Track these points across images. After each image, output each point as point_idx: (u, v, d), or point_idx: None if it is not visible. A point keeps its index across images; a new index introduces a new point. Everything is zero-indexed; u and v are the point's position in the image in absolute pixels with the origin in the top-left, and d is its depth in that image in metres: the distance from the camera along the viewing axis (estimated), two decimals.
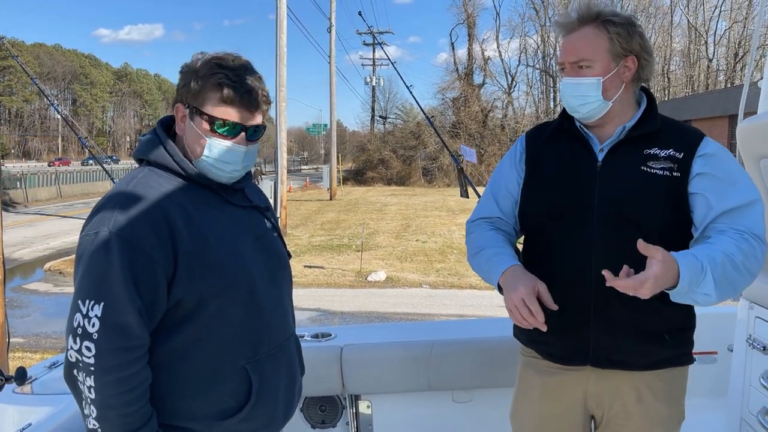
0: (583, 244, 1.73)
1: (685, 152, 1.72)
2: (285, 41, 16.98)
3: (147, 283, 1.42)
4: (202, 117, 1.53)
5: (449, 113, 44.65)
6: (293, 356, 1.74)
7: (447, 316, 9.21)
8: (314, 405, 2.77)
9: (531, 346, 1.91)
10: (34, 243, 16.61)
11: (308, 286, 11.26)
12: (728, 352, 2.75)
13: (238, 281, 1.54)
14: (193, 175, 1.56)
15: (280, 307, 1.69)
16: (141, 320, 1.42)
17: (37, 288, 11.94)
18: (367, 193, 34.71)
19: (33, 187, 29.56)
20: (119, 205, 1.46)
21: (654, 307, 1.67)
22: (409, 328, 3.86)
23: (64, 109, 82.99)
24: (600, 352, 1.75)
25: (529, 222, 1.88)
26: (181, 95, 1.57)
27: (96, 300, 1.39)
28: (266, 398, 1.61)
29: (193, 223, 1.49)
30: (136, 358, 1.42)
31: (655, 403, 1.78)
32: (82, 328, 1.38)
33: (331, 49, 31.12)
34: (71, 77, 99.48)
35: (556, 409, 1.87)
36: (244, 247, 1.59)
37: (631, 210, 1.70)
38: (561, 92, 1.82)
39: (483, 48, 46.66)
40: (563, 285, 1.75)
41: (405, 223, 19.84)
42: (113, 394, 1.39)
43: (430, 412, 2.75)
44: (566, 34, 1.79)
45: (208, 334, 1.52)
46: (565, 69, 1.79)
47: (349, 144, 61.28)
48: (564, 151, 1.84)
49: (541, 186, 1.84)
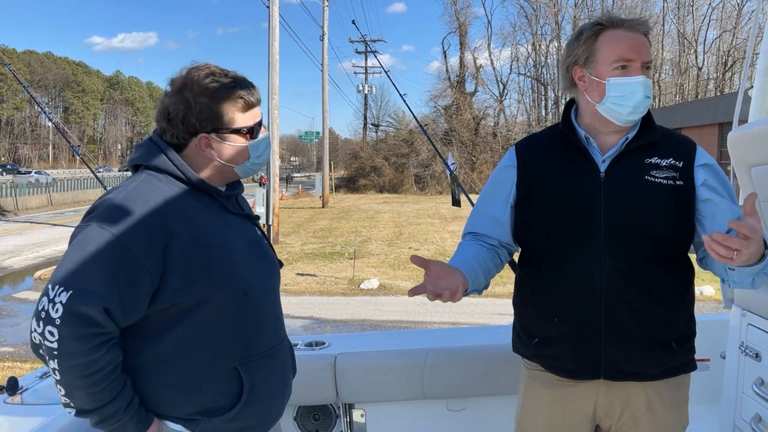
0: (591, 256, 1.71)
1: (684, 161, 1.73)
2: (277, 49, 17.00)
3: (127, 283, 1.43)
4: (239, 134, 1.61)
5: (441, 121, 44.81)
6: (286, 358, 1.77)
7: (440, 324, 9.20)
8: (308, 414, 2.76)
9: (536, 360, 1.88)
10: (24, 251, 16.48)
11: (301, 294, 11.22)
12: (721, 359, 2.76)
13: (232, 285, 1.56)
14: (194, 180, 1.58)
15: (273, 311, 1.73)
16: (107, 317, 1.42)
17: (28, 297, 11.83)
18: (359, 200, 34.70)
19: (23, 195, 29.37)
20: (115, 206, 1.47)
21: (662, 317, 1.69)
22: (403, 336, 3.85)
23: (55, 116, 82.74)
24: (613, 366, 1.73)
25: (532, 238, 1.84)
26: (198, 125, 1.57)
27: (65, 287, 1.39)
28: (257, 399, 1.63)
29: (191, 227, 1.51)
30: (99, 344, 1.42)
31: (664, 410, 1.79)
32: (45, 312, 1.39)
33: (324, 57, 31.17)
34: (62, 85, 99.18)
35: (567, 421, 1.85)
36: (241, 252, 1.62)
37: (639, 219, 1.70)
38: (625, 91, 1.69)
39: (475, 56, 46.95)
40: (572, 299, 1.74)
41: (397, 231, 19.83)
42: (77, 376, 1.41)
43: (424, 420, 2.74)
44: (624, 32, 1.70)
45: (201, 335, 1.54)
46: (631, 68, 1.69)
47: (342, 151, 61.29)
48: (562, 163, 1.80)
49: (542, 202, 1.79)
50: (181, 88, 1.56)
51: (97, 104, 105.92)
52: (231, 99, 1.57)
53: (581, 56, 1.75)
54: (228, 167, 1.64)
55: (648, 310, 1.69)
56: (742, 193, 2.47)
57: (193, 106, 1.55)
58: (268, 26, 16.86)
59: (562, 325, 1.77)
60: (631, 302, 1.70)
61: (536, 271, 1.84)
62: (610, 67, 1.70)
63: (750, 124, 2.43)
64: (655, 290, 1.71)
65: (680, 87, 42.49)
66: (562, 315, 1.76)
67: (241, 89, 1.59)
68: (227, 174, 1.66)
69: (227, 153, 1.62)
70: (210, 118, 1.57)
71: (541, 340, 1.83)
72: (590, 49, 1.73)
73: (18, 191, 29.02)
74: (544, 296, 1.81)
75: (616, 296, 1.70)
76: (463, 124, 42.39)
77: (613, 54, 1.69)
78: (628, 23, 1.72)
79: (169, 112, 1.57)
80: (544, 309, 1.80)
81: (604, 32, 1.71)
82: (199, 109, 1.55)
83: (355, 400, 2.72)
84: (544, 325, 1.81)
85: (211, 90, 1.55)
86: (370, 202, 32.73)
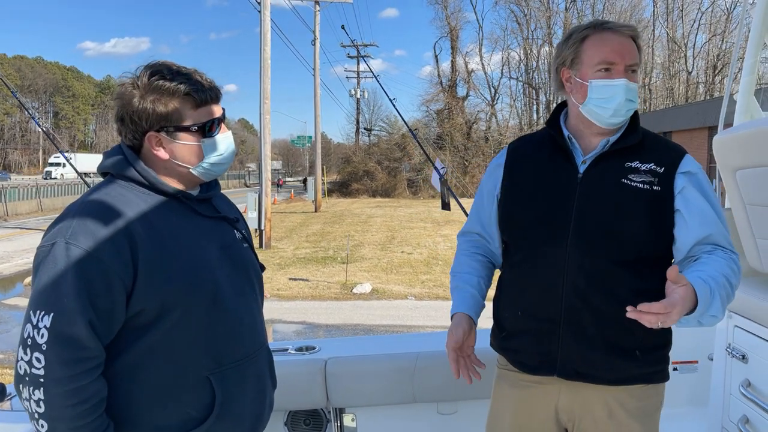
0: (558, 254, 1.72)
1: (666, 167, 1.72)
2: (269, 54, 17.01)
3: (102, 293, 1.41)
4: (188, 131, 1.55)
5: (433, 125, 44.91)
6: (263, 368, 1.72)
7: (433, 328, 9.20)
8: (298, 419, 2.75)
9: (502, 353, 1.92)
10: (14, 257, 16.37)
11: (293, 299, 11.20)
12: (708, 361, 2.78)
13: (200, 289, 1.53)
14: (159, 186, 1.56)
15: (248, 317, 1.66)
16: (92, 333, 1.40)
17: (17, 303, 11.76)
18: (352, 204, 34.69)
19: (13, 201, 29.16)
20: (78, 215, 1.45)
21: (626, 326, 1.61)
22: (393, 340, 3.85)
23: (45, 121, 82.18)
24: (568, 364, 1.74)
25: (508, 231, 1.88)
26: (145, 124, 1.54)
27: (45, 311, 1.38)
28: (230, 411, 1.59)
29: (154, 231, 1.49)
30: (86, 370, 1.40)
31: (627, 420, 1.76)
32: (32, 339, 1.37)
33: (316, 62, 31.22)
34: (53, 90, 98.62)
35: (530, 423, 1.86)
36: (209, 255, 1.58)
37: (609, 221, 1.70)
38: (606, 94, 1.70)
39: (466, 61, 47.12)
40: (536, 294, 1.76)
41: (390, 235, 19.84)
42: (63, 405, 1.37)
43: (415, 424, 2.75)
44: (610, 35, 1.72)
45: (170, 343, 1.50)
46: (614, 71, 1.70)
47: (334, 156, 61.27)
48: (543, 161, 1.83)
49: (519, 196, 1.84)
50: (131, 87, 1.54)
51: (88, 109, 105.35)
52: (178, 95, 1.53)
53: (568, 58, 1.78)
54: (184, 168, 1.58)
55: (609, 313, 1.67)
56: (728, 196, 2.50)
57: (140, 104, 1.52)
58: (260, 31, 16.86)
59: (525, 319, 1.79)
60: (592, 303, 1.70)
61: (509, 265, 1.88)
62: (593, 69, 1.72)
63: (735, 127, 2.45)
64: (619, 294, 1.67)
65: (670, 91, 42.76)
66: (526, 309, 1.78)
67: (190, 85, 1.53)
68: (187, 176, 1.60)
69: (179, 153, 1.57)
70: (156, 115, 1.52)
71: (507, 333, 1.86)
72: (577, 51, 1.75)
73: (8, 197, 28.81)
74: (513, 290, 1.84)
75: (577, 296, 1.70)
76: (455, 128, 42.50)
77: (597, 56, 1.71)
78: (614, 26, 1.74)
79: (121, 112, 1.55)
80: (512, 303, 1.84)
81: (591, 35, 1.74)
82: (146, 106, 1.52)
83: (346, 405, 2.72)
84: (511, 318, 1.84)
85: (158, 86, 1.51)
86: (363, 207, 32.73)
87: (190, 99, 1.54)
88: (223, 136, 1.61)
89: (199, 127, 1.57)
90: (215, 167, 1.62)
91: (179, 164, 1.58)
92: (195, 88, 1.54)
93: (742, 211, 2.39)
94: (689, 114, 27.25)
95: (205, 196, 1.67)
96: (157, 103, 1.52)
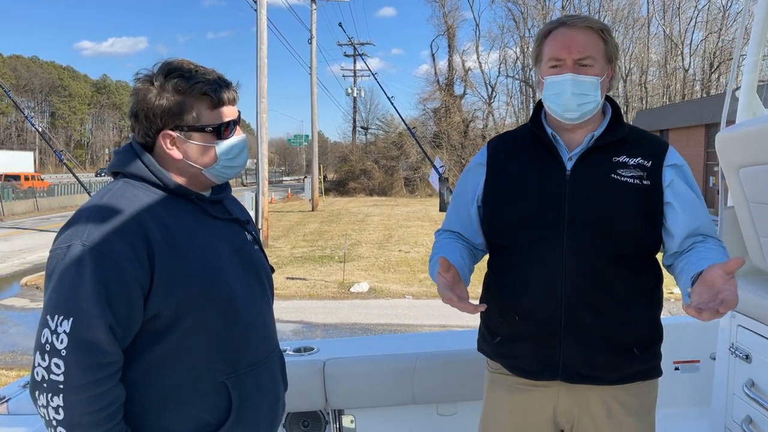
0: (554, 254, 1.70)
1: (653, 160, 1.73)
2: (266, 53, 16.96)
3: (120, 297, 1.37)
4: (203, 132, 1.53)
5: (430, 123, 44.92)
6: (276, 372, 1.70)
7: (430, 327, 9.18)
8: (297, 420, 2.73)
9: (497, 359, 1.87)
10: (10, 257, 16.31)
11: (290, 298, 11.18)
12: (711, 360, 2.76)
13: (215, 292, 1.50)
14: (171, 186, 1.53)
15: (260, 320, 1.64)
16: (112, 336, 1.37)
17: (14, 303, 11.71)
18: (349, 203, 34.67)
19: (9, 201, 29.08)
20: (93, 218, 1.42)
21: (624, 319, 1.66)
22: (392, 340, 3.83)
23: (41, 121, 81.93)
24: (571, 367, 1.72)
25: (496, 233, 1.83)
26: (159, 121, 1.51)
27: (65, 315, 1.34)
28: (246, 415, 1.56)
29: (170, 233, 1.46)
30: (107, 376, 1.37)
31: (626, 418, 1.76)
32: (50, 344, 1.34)
33: (312, 61, 31.18)
34: (49, 89, 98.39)
35: (527, 426, 1.83)
36: (222, 258, 1.56)
37: (604, 218, 1.69)
38: (556, 90, 1.72)
39: (463, 59, 47.13)
40: (533, 297, 1.73)
41: (387, 234, 19.82)
42: (83, 413, 1.34)
43: (414, 425, 2.73)
44: (564, 30, 1.73)
45: (186, 348, 1.48)
46: (563, 65, 1.71)
47: (331, 155, 61.27)
48: (529, 159, 1.80)
49: (507, 197, 1.80)
50: (148, 83, 1.51)
51: (85, 109, 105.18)
52: (196, 95, 1.50)
53: (534, 56, 1.84)
54: (196, 169, 1.56)
55: (610, 311, 1.66)
56: (731, 194, 2.48)
57: (156, 101, 1.49)
58: (256, 30, 16.82)
59: (523, 323, 1.75)
60: (592, 302, 1.68)
61: (500, 268, 1.83)
62: (546, 66, 1.76)
63: (738, 125, 2.43)
64: (618, 291, 1.68)
65: (667, 88, 42.80)
66: (523, 313, 1.75)
67: (208, 85, 1.51)
68: (199, 177, 1.59)
69: (192, 153, 1.54)
70: (171, 113, 1.50)
71: (502, 339, 1.82)
72: (539, 48, 1.80)
73: (4, 196, 28.74)
74: (507, 294, 1.79)
75: (577, 296, 1.68)
76: (452, 127, 42.51)
77: (548, 53, 1.75)
78: (570, 21, 1.75)
79: (135, 108, 1.53)
80: (506, 307, 1.79)
81: (551, 32, 1.77)
82: (162, 104, 1.49)
83: (345, 406, 2.69)
84: (506, 323, 1.80)
85: (175, 85, 1.49)
86: (360, 205, 32.71)
87: (207, 99, 1.52)
88: (237, 139, 1.59)
89: (215, 129, 1.55)
90: (228, 170, 1.60)
91: (192, 165, 1.56)
92: (212, 89, 1.52)
93: (745, 209, 2.37)
94: (686, 111, 27.31)
95: (218, 198, 1.64)
96: (173, 102, 1.49)
